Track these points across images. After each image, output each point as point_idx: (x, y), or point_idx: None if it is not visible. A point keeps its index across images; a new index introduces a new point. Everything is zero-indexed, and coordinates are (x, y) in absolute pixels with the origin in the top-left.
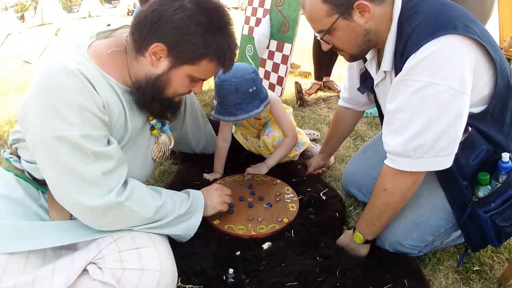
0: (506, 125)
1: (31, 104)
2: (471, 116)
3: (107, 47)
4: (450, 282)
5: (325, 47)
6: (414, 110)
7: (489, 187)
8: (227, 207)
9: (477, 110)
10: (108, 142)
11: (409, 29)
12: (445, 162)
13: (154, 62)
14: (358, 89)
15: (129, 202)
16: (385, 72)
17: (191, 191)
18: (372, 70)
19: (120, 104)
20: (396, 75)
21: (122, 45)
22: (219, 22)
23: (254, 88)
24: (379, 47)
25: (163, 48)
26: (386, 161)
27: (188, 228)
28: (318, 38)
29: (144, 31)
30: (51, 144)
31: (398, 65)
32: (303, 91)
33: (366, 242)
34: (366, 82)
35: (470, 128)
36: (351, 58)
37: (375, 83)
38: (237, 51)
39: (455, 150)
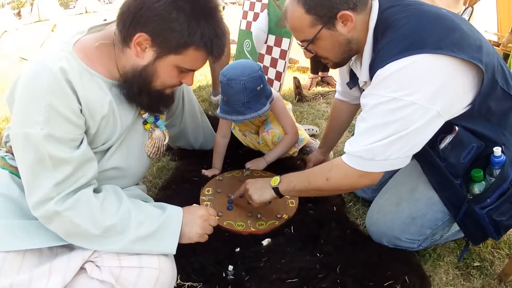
0: (495, 118)
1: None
2: (457, 116)
3: (95, 41)
4: (451, 278)
5: (307, 55)
6: (375, 120)
7: (483, 182)
8: (206, 239)
9: (462, 109)
10: (80, 145)
11: (379, 46)
12: (400, 163)
13: (139, 53)
14: (347, 83)
15: (70, 213)
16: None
17: (169, 208)
18: (357, 71)
19: (107, 99)
20: None
21: (111, 37)
22: (204, 8)
23: (262, 85)
24: (360, 54)
25: (146, 38)
26: (346, 159)
27: (150, 250)
28: (301, 47)
29: (127, 22)
30: (18, 139)
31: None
32: (301, 86)
33: (277, 192)
34: (354, 78)
35: (457, 128)
36: (335, 66)
37: (360, 85)
38: (227, 38)
39: (410, 154)
